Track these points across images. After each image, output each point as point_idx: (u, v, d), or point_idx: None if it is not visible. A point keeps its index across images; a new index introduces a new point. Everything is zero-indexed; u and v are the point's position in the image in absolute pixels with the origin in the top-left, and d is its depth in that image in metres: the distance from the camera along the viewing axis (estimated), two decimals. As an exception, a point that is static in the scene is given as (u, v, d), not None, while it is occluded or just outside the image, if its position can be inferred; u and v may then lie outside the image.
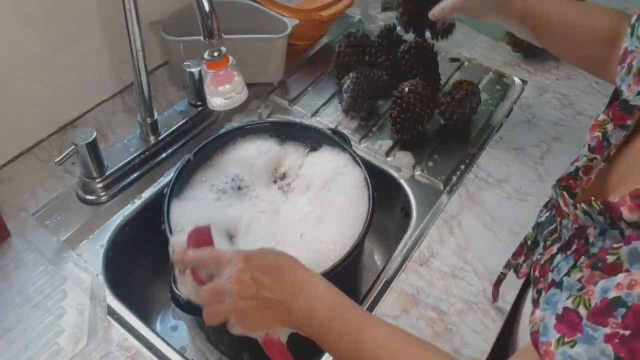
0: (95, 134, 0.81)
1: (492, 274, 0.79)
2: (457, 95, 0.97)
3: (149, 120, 0.91)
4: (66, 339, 0.69)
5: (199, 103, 0.99)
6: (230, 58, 0.70)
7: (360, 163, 0.84)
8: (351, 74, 1.01)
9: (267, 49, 1.02)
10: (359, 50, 1.06)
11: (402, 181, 0.93)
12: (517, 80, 1.14)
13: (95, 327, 0.70)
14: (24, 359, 0.67)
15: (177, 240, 0.62)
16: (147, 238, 0.86)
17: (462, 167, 0.95)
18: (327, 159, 0.88)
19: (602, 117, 0.55)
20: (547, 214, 0.62)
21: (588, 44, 0.78)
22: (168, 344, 0.71)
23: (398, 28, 1.12)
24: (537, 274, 0.56)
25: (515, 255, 0.69)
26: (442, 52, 1.13)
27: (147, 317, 0.94)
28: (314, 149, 0.90)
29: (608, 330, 0.38)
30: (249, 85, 0.75)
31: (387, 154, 0.97)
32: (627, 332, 0.38)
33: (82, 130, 0.81)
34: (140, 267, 0.91)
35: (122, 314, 0.74)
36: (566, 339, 0.40)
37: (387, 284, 0.78)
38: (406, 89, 0.96)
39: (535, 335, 0.43)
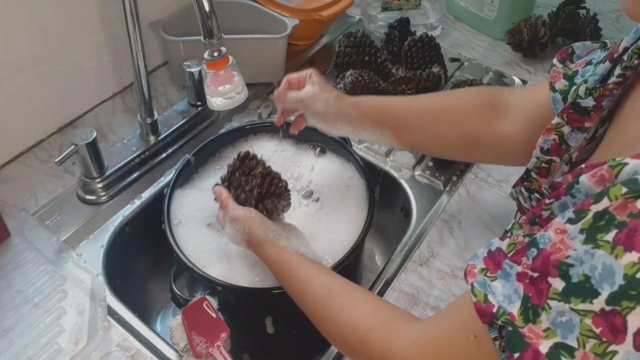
0: (95, 134, 0.81)
1: (492, 274, 0.78)
2: None
3: (149, 120, 0.91)
4: (66, 339, 0.69)
5: (199, 103, 0.99)
6: (230, 58, 0.70)
7: (359, 160, 0.84)
8: (351, 71, 1.01)
9: (267, 49, 1.02)
10: (359, 50, 1.06)
11: (402, 181, 0.93)
12: (517, 80, 1.14)
13: (95, 327, 0.70)
14: (24, 359, 0.67)
15: (175, 324, 0.69)
16: (147, 238, 0.86)
17: (462, 167, 0.95)
18: (327, 159, 0.89)
19: (556, 120, 0.56)
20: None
21: (463, 118, 0.71)
22: (168, 344, 0.71)
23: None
24: None
25: None
26: (442, 52, 1.13)
27: (147, 317, 0.94)
28: (310, 144, 0.90)
29: (520, 269, 0.41)
30: (249, 85, 0.75)
31: (387, 154, 0.97)
32: (536, 274, 0.40)
33: (82, 130, 0.81)
34: (140, 267, 0.91)
35: (122, 314, 0.74)
36: (489, 274, 0.45)
37: (387, 284, 0.78)
38: None
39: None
